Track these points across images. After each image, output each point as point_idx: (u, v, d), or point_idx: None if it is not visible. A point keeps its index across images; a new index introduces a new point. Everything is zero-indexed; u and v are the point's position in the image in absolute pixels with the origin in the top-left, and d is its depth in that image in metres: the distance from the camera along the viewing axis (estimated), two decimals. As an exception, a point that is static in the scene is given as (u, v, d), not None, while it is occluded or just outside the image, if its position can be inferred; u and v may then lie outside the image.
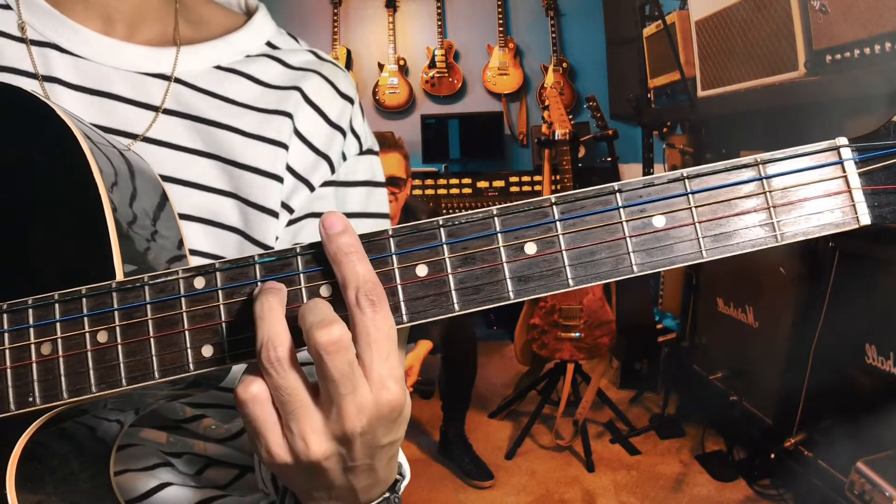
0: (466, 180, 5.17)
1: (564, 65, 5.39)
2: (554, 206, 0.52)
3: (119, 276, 0.56)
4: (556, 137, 3.58)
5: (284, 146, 0.82)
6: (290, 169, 0.82)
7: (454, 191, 5.13)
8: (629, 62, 4.75)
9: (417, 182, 5.06)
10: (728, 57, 3.39)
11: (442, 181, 5.20)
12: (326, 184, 0.85)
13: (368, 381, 0.50)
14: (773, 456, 2.83)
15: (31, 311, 0.55)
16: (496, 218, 0.52)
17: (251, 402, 0.51)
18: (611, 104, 5.19)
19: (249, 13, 0.90)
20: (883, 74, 2.23)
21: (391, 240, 0.53)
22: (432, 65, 5.45)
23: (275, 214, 0.80)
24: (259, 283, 0.53)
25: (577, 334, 3.46)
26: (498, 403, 3.93)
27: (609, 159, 4.11)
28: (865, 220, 0.51)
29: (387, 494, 0.61)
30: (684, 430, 3.57)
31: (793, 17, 2.78)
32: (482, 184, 5.15)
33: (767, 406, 3.01)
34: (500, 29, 5.41)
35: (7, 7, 0.76)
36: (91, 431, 0.64)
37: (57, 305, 0.55)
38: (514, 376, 4.26)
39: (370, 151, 0.91)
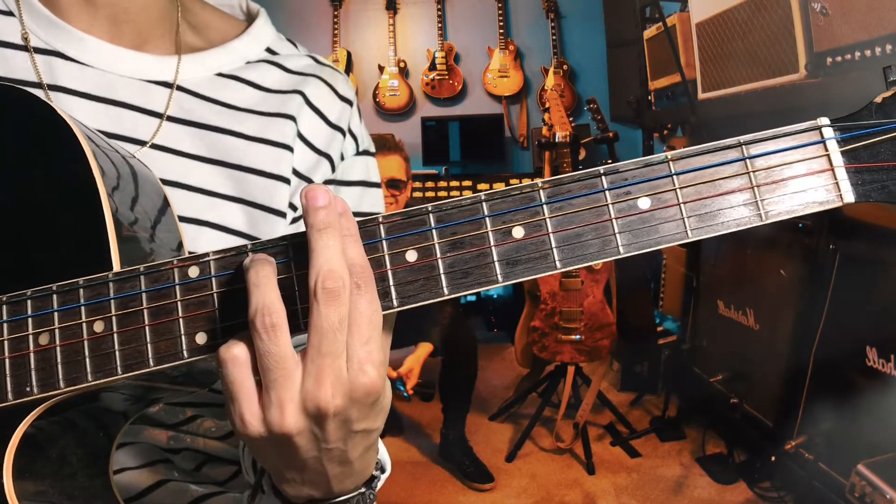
0: (467, 183, 5.18)
1: (565, 67, 5.40)
2: (541, 191, 0.53)
3: (116, 268, 0.56)
4: (557, 140, 3.58)
5: (289, 148, 0.83)
6: (294, 170, 0.84)
7: (455, 193, 5.14)
8: (630, 64, 4.76)
9: (418, 184, 5.07)
10: (729, 59, 3.40)
11: (442, 183, 5.21)
12: (326, 182, 0.87)
13: (347, 363, 0.51)
14: (773, 458, 2.83)
15: (29, 302, 0.56)
16: (484, 203, 0.53)
17: (231, 363, 0.51)
18: (611, 106, 5.19)
19: (250, 18, 0.92)
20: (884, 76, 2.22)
21: (381, 226, 0.53)
22: (433, 67, 5.45)
23: (282, 215, 0.82)
24: (250, 254, 0.53)
25: (578, 336, 3.46)
26: (498, 406, 3.93)
27: (610, 161, 4.10)
28: (849, 197, 0.52)
29: (362, 489, 0.61)
30: (685, 433, 3.57)
31: (793, 19, 2.78)
32: (483, 186, 5.15)
33: (768, 408, 3.01)
34: (501, 31, 5.41)
35: (10, 14, 0.77)
36: (92, 426, 0.64)
37: (55, 296, 0.55)
38: (514, 379, 4.26)
39: (366, 152, 0.93)
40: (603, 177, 0.53)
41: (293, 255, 0.53)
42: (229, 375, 0.51)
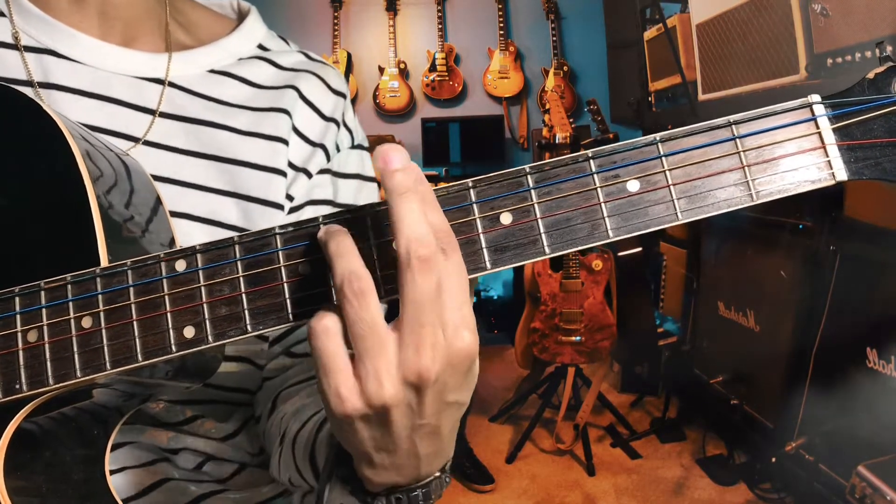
0: (467, 184, 5.17)
1: (565, 68, 5.40)
2: (528, 176, 0.52)
3: (104, 264, 0.56)
4: (557, 141, 3.58)
5: (284, 141, 0.84)
6: (289, 163, 0.85)
7: (455, 194, 5.12)
8: (630, 65, 4.76)
9: (418, 185, 5.05)
10: (729, 60, 3.39)
11: (443, 185, 5.18)
12: (322, 171, 0.88)
13: (443, 330, 0.49)
14: (774, 460, 2.82)
15: (17, 299, 0.55)
16: (471, 189, 0.53)
17: (324, 334, 0.49)
18: (611, 107, 5.20)
19: (241, 16, 0.93)
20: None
21: (369, 217, 0.53)
22: (433, 68, 5.45)
23: (280, 207, 0.83)
24: (322, 227, 0.52)
25: (578, 338, 3.46)
26: (499, 407, 3.93)
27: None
28: (842, 175, 0.51)
29: (437, 474, 0.58)
30: (685, 434, 3.56)
31: (794, 21, 2.78)
32: (483, 187, 5.13)
33: (768, 410, 3.01)
34: (501, 32, 5.41)
35: (1, 14, 0.77)
36: (86, 423, 0.63)
37: (43, 293, 0.55)
38: (514, 380, 4.26)
39: (360, 147, 0.94)
40: (591, 160, 0.52)
41: (280, 244, 0.53)
42: (322, 347, 0.49)
